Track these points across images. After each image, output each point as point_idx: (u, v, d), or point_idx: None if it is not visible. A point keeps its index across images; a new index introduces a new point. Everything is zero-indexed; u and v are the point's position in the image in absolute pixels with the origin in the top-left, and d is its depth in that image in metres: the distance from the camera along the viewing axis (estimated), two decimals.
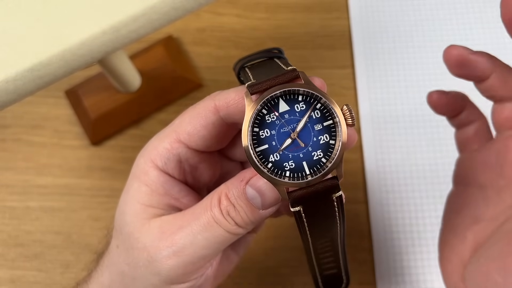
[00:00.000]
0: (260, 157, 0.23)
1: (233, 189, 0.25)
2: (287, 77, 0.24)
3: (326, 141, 0.24)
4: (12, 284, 0.43)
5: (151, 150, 0.27)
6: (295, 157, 0.23)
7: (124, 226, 0.27)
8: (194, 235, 0.25)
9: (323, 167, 0.23)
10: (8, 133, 0.48)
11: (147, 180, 0.27)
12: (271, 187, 0.24)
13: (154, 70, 0.48)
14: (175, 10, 0.33)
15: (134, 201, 0.27)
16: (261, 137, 0.23)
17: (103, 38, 0.32)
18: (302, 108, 0.24)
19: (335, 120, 0.24)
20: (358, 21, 0.52)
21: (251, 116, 0.23)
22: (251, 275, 0.43)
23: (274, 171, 0.23)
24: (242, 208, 0.25)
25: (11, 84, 0.31)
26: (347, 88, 0.49)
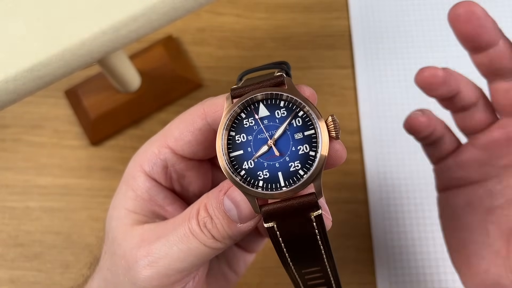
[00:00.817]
0: (233, 163, 0.22)
1: (213, 200, 0.24)
2: (272, 82, 0.22)
3: (305, 151, 0.22)
4: (12, 284, 0.43)
5: (141, 154, 0.27)
6: (270, 167, 0.22)
7: (110, 231, 0.27)
8: (170, 246, 0.24)
9: (299, 179, 0.21)
10: (8, 133, 0.48)
11: (133, 184, 0.26)
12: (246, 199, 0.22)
13: (154, 70, 0.48)
14: (174, 10, 0.33)
15: (120, 206, 0.27)
16: (237, 142, 0.22)
17: (103, 38, 0.32)
18: (283, 115, 0.22)
19: (317, 131, 0.22)
20: (358, 21, 0.52)
21: (227, 118, 0.22)
22: (250, 275, 0.43)
23: (246, 180, 0.22)
24: (219, 220, 0.23)
25: (11, 84, 0.31)
26: (347, 88, 0.49)
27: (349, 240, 0.43)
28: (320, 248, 0.23)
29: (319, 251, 0.23)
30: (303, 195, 0.21)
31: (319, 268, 0.25)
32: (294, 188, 0.21)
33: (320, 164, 0.21)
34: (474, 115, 0.31)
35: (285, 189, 0.21)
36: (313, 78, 0.49)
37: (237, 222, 0.23)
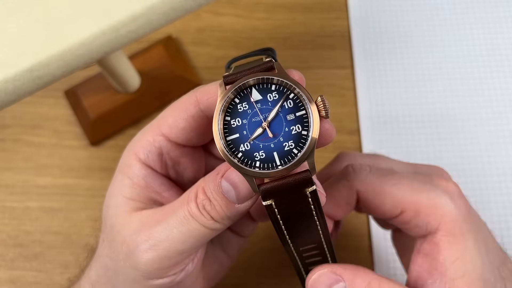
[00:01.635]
0: (230, 147, 0.23)
1: (210, 183, 0.24)
2: (262, 67, 0.23)
3: (298, 131, 0.23)
4: (12, 284, 0.43)
5: (135, 142, 0.27)
6: (265, 148, 0.23)
7: (108, 219, 0.27)
8: (170, 229, 0.25)
9: (294, 158, 0.23)
10: (7, 133, 0.48)
11: (129, 172, 0.27)
12: (244, 180, 0.23)
13: (154, 70, 0.48)
14: (174, 10, 0.33)
15: (117, 194, 0.27)
16: (232, 126, 0.23)
17: (102, 39, 0.32)
18: (275, 98, 0.23)
19: (308, 111, 0.23)
20: (357, 21, 0.52)
21: (222, 104, 0.23)
22: (250, 275, 0.43)
23: (244, 161, 0.23)
24: (217, 202, 0.24)
25: (10, 84, 0.31)
26: (346, 88, 0.49)
27: (348, 240, 0.43)
28: (316, 223, 0.24)
29: (315, 226, 0.25)
30: (298, 173, 0.23)
31: (316, 245, 0.26)
32: (290, 166, 0.22)
33: (313, 142, 0.23)
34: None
35: (280, 168, 0.22)
36: (313, 78, 0.49)
37: (235, 202, 0.24)
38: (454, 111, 0.48)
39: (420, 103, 0.48)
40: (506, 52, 0.50)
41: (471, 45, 0.50)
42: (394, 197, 0.27)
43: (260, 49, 0.26)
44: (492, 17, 0.51)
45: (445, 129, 0.47)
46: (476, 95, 0.48)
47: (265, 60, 0.24)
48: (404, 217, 0.27)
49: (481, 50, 0.50)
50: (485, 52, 0.50)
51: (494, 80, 0.49)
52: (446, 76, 0.49)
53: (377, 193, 0.27)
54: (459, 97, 0.48)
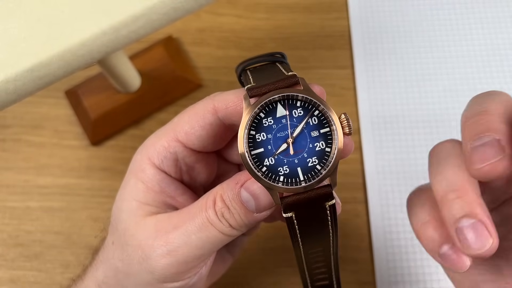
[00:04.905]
0: (255, 161, 0.23)
1: (228, 191, 0.25)
2: (287, 82, 0.24)
3: (321, 148, 0.23)
4: (12, 284, 0.43)
5: (149, 147, 0.27)
6: (290, 163, 0.23)
7: (120, 222, 0.27)
8: (188, 235, 0.25)
9: (317, 174, 0.23)
10: (8, 133, 0.48)
11: (143, 177, 0.27)
12: (265, 191, 0.24)
13: (154, 70, 0.48)
14: (175, 11, 0.33)
15: (131, 198, 0.27)
16: (257, 141, 0.23)
17: (103, 39, 0.32)
18: (300, 114, 0.24)
19: (332, 128, 0.23)
20: (357, 21, 0.52)
21: (248, 119, 0.23)
22: (250, 275, 0.43)
23: (268, 175, 0.23)
24: (236, 210, 0.25)
25: (11, 84, 0.31)
26: (346, 88, 0.49)
27: (348, 240, 0.44)
28: (329, 232, 0.25)
29: (328, 232, 0.25)
30: (320, 187, 0.23)
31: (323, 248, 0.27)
32: (313, 183, 0.23)
33: (337, 159, 0.23)
34: None
35: (304, 184, 0.23)
36: (313, 78, 0.49)
37: (254, 212, 0.24)
38: (454, 111, 0.48)
39: (420, 103, 0.48)
40: (506, 52, 0.50)
41: (471, 45, 0.50)
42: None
43: (270, 53, 0.27)
44: (492, 17, 0.51)
45: (445, 129, 0.47)
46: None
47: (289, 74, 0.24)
48: None
49: (481, 50, 0.50)
50: (485, 52, 0.50)
51: (494, 80, 0.49)
52: (446, 76, 0.49)
53: None
54: (459, 97, 0.48)
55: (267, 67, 0.26)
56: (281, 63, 0.27)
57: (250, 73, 0.25)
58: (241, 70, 0.26)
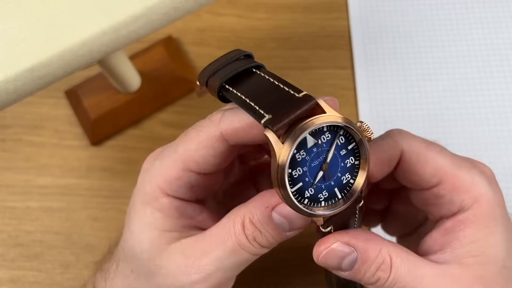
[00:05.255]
0: (296, 196, 0.23)
1: (258, 215, 0.25)
2: (307, 109, 0.22)
3: (351, 163, 0.24)
4: (12, 284, 0.43)
5: (158, 178, 0.26)
6: (327, 186, 0.23)
7: (143, 253, 0.26)
8: (221, 261, 0.25)
9: (352, 188, 0.24)
10: (8, 133, 0.48)
11: (159, 206, 0.27)
12: (299, 215, 0.24)
13: (154, 70, 0.48)
14: (175, 11, 0.33)
15: (150, 228, 0.27)
16: (294, 177, 0.23)
17: (103, 39, 0.32)
18: (328, 138, 0.23)
19: (357, 140, 0.23)
20: (357, 21, 0.52)
21: (284, 162, 0.22)
22: (250, 275, 0.43)
23: (310, 205, 0.23)
24: (268, 233, 0.25)
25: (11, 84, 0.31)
26: (347, 88, 0.49)
27: None
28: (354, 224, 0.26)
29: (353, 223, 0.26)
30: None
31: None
32: (351, 200, 0.24)
33: (368, 170, 0.24)
34: None
35: (342, 202, 0.24)
36: (313, 78, 0.49)
37: (287, 232, 0.25)
38: (454, 111, 0.48)
39: (420, 103, 0.48)
40: (506, 52, 0.50)
41: (471, 45, 0.50)
42: (436, 165, 0.26)
43: (235, 56, 0.26)
44: (492, 17, 0.51)
45: (445, 129, 0.47)
46: (476, 95, 0.48)
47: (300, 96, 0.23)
48: (440, 190, 0.26)
49: (481, 50, 0.50)
50: (485, 52, 0.50)
51: (494, 80, 0.49)
52: (446, 76, 0.49)
53: (421, 157, 0.26)
54: (459, 97, 0.48)
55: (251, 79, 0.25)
56: (258, 68, 0.25)
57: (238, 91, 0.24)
58: (220, 86, 0.25)
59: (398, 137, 0.27)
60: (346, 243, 0.25)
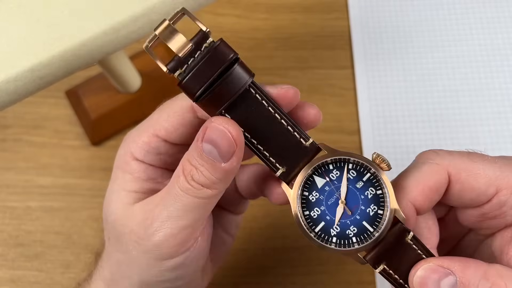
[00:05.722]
0: (322, 237, 0.23)
1: (193, 152, 0.25)
2: (312, 155, 0.24)
3: (373, 193, 0.24)
4: (13, 284, 0.43)
5: (130, 143, 0.28)
6: (353, 221, 0.23)
7: (110, 214, 0.28)
8: (167, 208, 0.25)
9: (382, 218, 0.23)
10: (8, 133, 0.48)
11: (129, 168, 0.28)
12: (222, 133, 0.23)
13: (154, 70, 0.48)
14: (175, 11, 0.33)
15: (119, 189, 0.28)
16: (314, 217, 0.24)
17: (103, 39, 0.32)
18: (337, 175, 0.24)
19: (372, 171, 0.24)
20: (357, 21, 0.52)
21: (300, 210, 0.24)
22: (250, 275, 0.43)
23: (340, 243, 0.23)
24: (203, 166, 0.24)
25: (11, 84, 0.31)
26: (346, 88, 0.49)
27: None
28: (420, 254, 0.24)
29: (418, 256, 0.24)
30: (392, 227, 0.23)
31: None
32: (383, 229, 0.23)
33: (392, 198, 0.23)
34: None
35: (377, 234, 0.23)
36: (313, 78, 0.49)
37: (220, 161, 0.24)
38: (454, 111, 0.48)
39: (420, 103, 0.48)
40: (506, 52, 0.50)
41: (471, 45, 0.50)
42: (487, 174, 0.25)
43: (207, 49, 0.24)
44: (492, 17, 0.51)
45: (445, 129, 0.47)
46: (476, 95, 0.48)
47: (307, 144, 0.24)
48: (501, 197, 0.25)
49: (481, 50, 0.50)
50: (485, 52, 0.50)
51: (494, 80, 0.49)
52: (446, 76, 0.49)
53: (471, 172, 0.25)
54: (459, 97, 0.48)
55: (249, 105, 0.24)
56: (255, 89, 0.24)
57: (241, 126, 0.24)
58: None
59: (439, 159, 0.26)
60: (440, 265, 0.24)
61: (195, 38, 0.24)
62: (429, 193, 0.25)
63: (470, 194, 0.25)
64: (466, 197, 0.26)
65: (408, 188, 0.25)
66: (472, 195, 0.25)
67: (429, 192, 0.25)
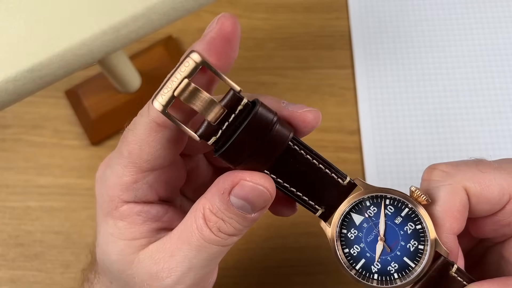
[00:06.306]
0: (363, 274, 0.24)
1: (217, 203, 0.23)
2: (347, 191, 0.24)
3: (412, 228, 0.24)
4: (12, 284, 0.43)
5: (113, 187, 0.25)
6: (394, 258, 0.24)
7: (112, 265, 0.26)
8: (189, 260, 0.24)
9: (423, 253, 0.24)
10: (8, 133, 0.48)
11: (119, 215, 0.25)
12: (259, 192, 0.23)
13: (154, 70, 0.48)
14: (174, 10, 0.33)
15: (115, 239, 0.25)
16: (354, 255, 0.24)
17: (103, 38, 0.32)
18: (374, 211, 0.24)
19: (410, 207, 0.24)
20: (358, 21, 0.52)
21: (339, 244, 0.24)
22: (250, 275, 0.43)
23: (383, 280, 0.24)
24: (232, 219, 0.23)
25: (11, 84, 0.31)
26: (346, 88, 0.49)
27: None
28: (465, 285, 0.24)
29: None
30: (433, 262, 0.23)
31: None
32: (425, 265, 0.23)
33: (432, 232, 0.23)
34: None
35: (418, 269, 0.23)
36: (313, 78, 0.49)
37: (251, 213, 0.23)
38: (454, 111, 0.48)
39: (420, 103, 0.48)
40: (506, 52, 0.50)
41: (471, 45, 0.50)
42: (498, 183, 0.25)
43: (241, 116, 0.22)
44: (492, 17, 0.51)
45: (445, 129, 0.47)
46: (476, 95, 0.48)
47: (344, 183, 0.24)
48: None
49: (481, 50, 0.50)
50: (485, 52, 0.50)
51: (494, 80, 0.49)
52: (446, 76, 0.49)
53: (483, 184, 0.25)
54: (459, 97, 0.48)
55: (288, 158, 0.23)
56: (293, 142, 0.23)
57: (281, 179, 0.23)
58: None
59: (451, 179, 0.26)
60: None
61: (226, 99, 0.22)
62: (460, 215, 0.25)
63: (486, 204, 0.26)
64: (482, 208, 0.26)
65: (440, 220, 0.25)
66: (488, 205, 0.26)
67: (460, 215, 0.25)
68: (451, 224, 0.25)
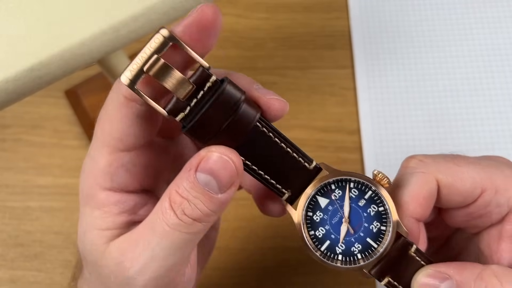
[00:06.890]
0: (328, 255, 0.24)
1: (183, 183, 0.22)
2: (313, 175, 0.24)
3: (375, 210, 0.24)
4: (12, 284, 0.43)
5: (91, 173, 0.25)
6: (357, 239, 0.24)
7: (88, 255, 0.25)
8: (152, 249, 0.22)
9: (385, 234, 0.24)
10: (8, 133, 0.48)
11: (96, 204, 0.24)
12: (224, 163, 0.22)
13: None
14: (175, 10, 0.33)
15: (91, 228, 0.25)
16: (319, 237, 0.24)
17: (102, 38, 0.32)
18: (339, 194, 0.24)
19: (373, 189, 0.24)
20: (358, 21, 0.52)
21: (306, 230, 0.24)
22: (250, 275, 0.43)
23: (347, 261, 0.24)
24: (198, 199, 0.22)
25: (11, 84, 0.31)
26: (347, 88, 0.49)
27: None
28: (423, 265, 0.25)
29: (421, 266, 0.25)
30: (394, 242, 0.24)
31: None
32: (387, 245, 0.24)
33: (394, 214, 0.24)
34: None
35: (380, 249, 0.24)
36: (313, 78, 0.49)
37: (218, 192, 0.22)
38: (454, 111, 0.48)
39: (420, 103, 0.48)
40: (506, 52, 0.50)
41: (471, 45, 0.50)
42: (472, 176, 0.26)
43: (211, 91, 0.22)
44: (492, 17, 0.51)
45: (445, 129, 0.47)
46: (476, 95, 0.48)
47: (311, 167, 0.24)
48: (486, 197, 0.26)
49: (481, 50, 0.50)
50: (485, 52, 0.50)
51: (494, 80, 0.49)
52: (446, 76, 0.49)
53: (456, 176, 0.26)
54: (459, 97, 0.48)
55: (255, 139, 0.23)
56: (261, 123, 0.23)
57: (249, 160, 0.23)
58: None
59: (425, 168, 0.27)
60: (438, 270, 0.25)
61: (195, 76, 0.22)
62: (425, 202, 0.26)
63: (458, 196, 0.26)
64: (453, 199, 0.26)
65: (405, 204, 0.25)
66: (459, 197, 0.26)
67: (425, 202, 0.26)
68: (414, 209, 0.25)
